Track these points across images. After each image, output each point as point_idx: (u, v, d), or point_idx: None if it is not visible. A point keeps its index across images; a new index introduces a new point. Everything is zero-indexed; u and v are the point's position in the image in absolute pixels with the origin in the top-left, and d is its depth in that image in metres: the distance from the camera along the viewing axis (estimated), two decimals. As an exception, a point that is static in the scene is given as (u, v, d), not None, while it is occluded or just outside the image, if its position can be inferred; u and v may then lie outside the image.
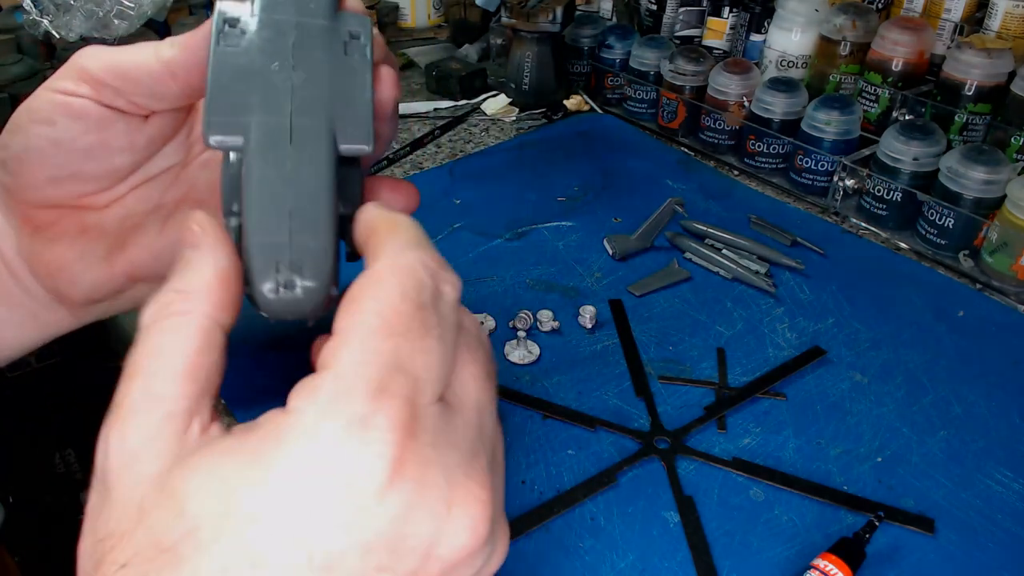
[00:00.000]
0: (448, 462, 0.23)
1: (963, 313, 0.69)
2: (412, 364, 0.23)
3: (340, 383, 0.22)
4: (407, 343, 0.23)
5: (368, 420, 0.21)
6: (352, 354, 0.22)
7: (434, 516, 0.22)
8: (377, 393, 0.22)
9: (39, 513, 1.09)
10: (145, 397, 0.23)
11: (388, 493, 0.21)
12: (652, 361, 0.63)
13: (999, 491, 0.52)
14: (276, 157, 0.27)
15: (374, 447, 0.21)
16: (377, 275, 0.24)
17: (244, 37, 0.29)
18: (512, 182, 0.88)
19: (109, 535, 0.21)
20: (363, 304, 0.23)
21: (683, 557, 0.48)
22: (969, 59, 0.79)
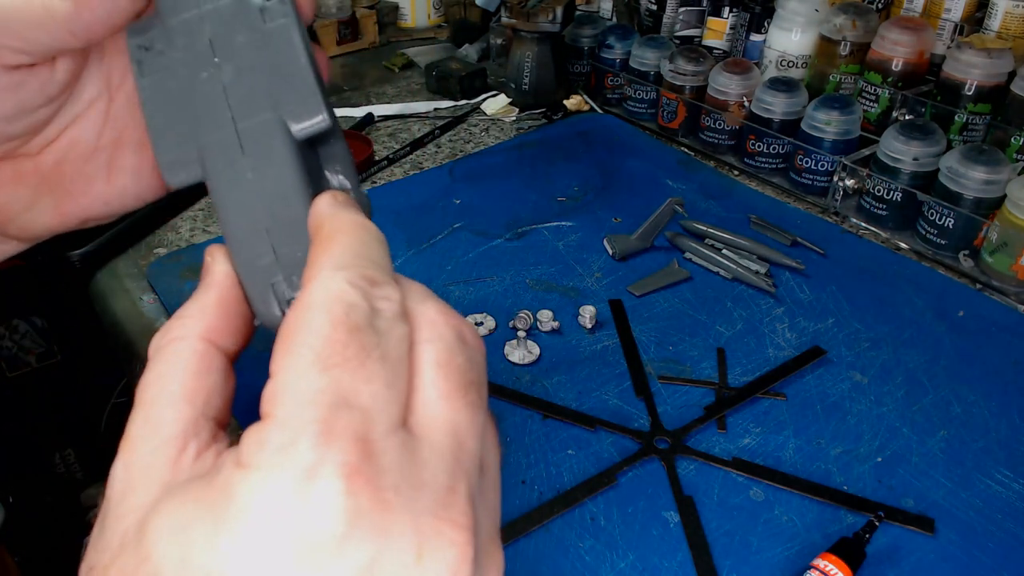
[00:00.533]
0: (415, 504, 0.21)
1: (963, 313, 0.69)
2: (356, 396, 0.21)
3: (284, 432, 0.20)
4: (346, 373, 0.21)
5: (315, 470, 0.20)
6: (291, 396, 0.21)
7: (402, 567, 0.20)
8: (322, 437, 0.20)
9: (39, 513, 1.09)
10: (145, 425, 0.23)
11: (345, 547, 0.19)
12: (652, 361, 0.63)
13: (999, 491, 0.52)
14: (233, 174, 0.26)
15: (325, 498, 0.19)
16: (304, 306, 0.22)
17: (164, 56, 0.27)
18: (512, 182, 0.88)
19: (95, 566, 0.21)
20: (294, 339, 0.22)
21: (683, 557, 0.48)
22: (969, 59, 0.79)
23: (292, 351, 0.21)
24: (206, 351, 0.24)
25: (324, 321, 0.22)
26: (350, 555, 0.20)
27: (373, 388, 0.21)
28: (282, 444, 0.20)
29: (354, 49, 1.27)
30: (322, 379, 0.21)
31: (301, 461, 0.20)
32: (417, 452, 0.22)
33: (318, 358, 0.21)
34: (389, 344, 0.22)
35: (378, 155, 0.93)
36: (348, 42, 1.26)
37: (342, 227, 0.25)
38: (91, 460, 1.17)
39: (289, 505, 0.20)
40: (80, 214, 0.39)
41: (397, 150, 0.95)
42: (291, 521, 0.20)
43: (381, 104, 1.07)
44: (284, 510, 0.20)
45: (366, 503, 0.20)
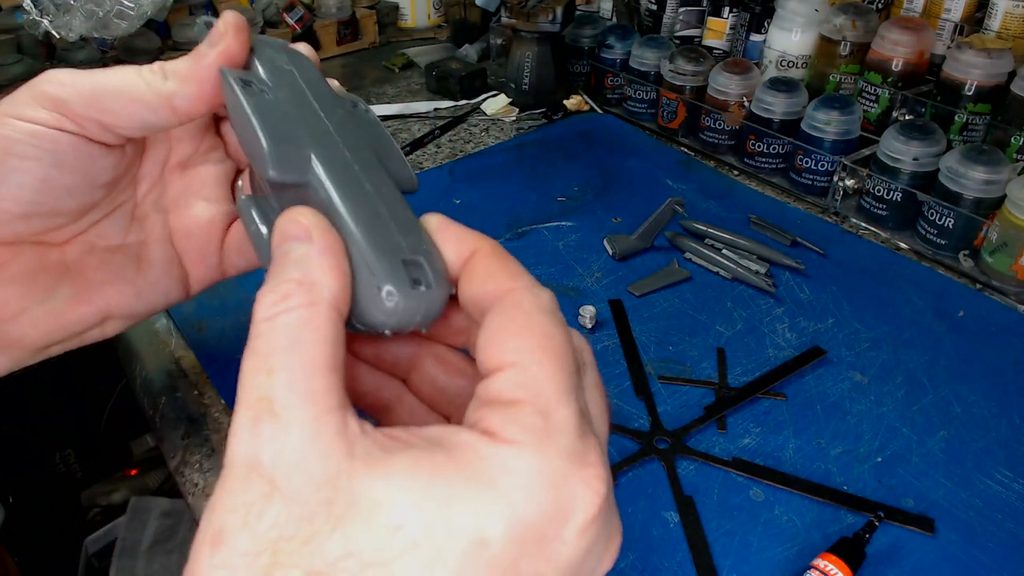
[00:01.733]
0: (613, 500, 0.24)
1: (963, 313, 0.69)
2: (583, 402, 0.24)
3: (551, 420, 0.22)
4: (576, 380, 0.24)
5: (586, 457, 0.23)
6: (548, 389, 0.23)
7: (602, 549, 0.24)
8: (584, 430, 0.23)
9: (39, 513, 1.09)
10: (297, 392, 0.22)
11: (590, 527, 0.22)
12: (652, 361, 0.63)
13: (999, 491, 0.52)
14: (352, 178, 0.27)
15: (594, 484, 0.23)
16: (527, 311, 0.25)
17: (265, 94, 0.29)
18: (512, 182, 0.88)
19: (285, 536, 0.20)
20: (531, 340, 0.24)
21: (683, 557, 0.48)
22: (969, 59, 0.79)
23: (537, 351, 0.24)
24: (338, 320, 0.24)
25: (559, 331, 0.25)
26: (588, 535, 0.22)
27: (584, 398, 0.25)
28: (552, 431, 0.22)
29: (354, 49, 1.27)
30: (569, 380, 0.24)
31: (573, 450, 0.22)
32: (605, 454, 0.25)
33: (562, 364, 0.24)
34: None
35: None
36: (348, 42, 1.26)
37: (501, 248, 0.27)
38: (91, 460, 1.17)
39: (563, 488, 0.22)
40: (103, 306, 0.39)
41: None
42: (562, 502, 0.22)
43: (381, 104, 1.07)
44: (558, 492, 0.22)
45: (608, 492, 0.23)
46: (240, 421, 0.22)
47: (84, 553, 0.99)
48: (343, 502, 0.21)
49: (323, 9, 1.22)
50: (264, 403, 0.22)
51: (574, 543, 0.22)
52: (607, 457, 0.25)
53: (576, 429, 0.23)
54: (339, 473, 0.21)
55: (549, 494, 0.22)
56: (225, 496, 0.21)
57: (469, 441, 0.22)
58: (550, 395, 0.23)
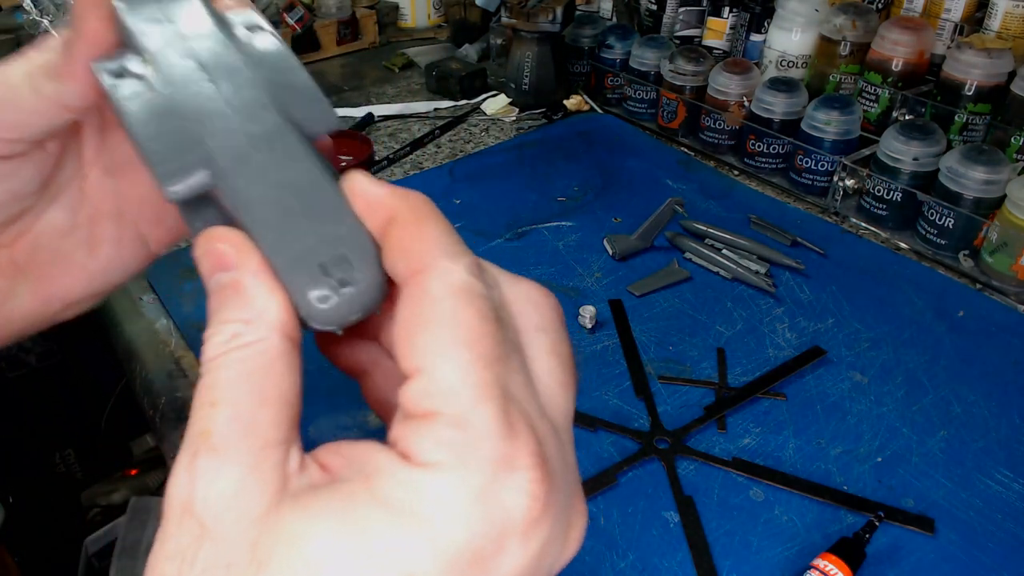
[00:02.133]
0: (567, 485, 0.23)
1: (963, 313, 0.69)
2: (515, 390, 0.22)
3: (468, 429, 0.21)
4: (504, 368, 0.21)
5: (512, 462, 0.21)
6: (462, 393, 0.21)
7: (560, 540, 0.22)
8: (508, 431, 0.21)
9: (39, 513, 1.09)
10: (236, 427, 0.21)
11: (533, 532, 0.21)
12: (652, 361, 0.63)
13: (999, 491, 0.52)
14: (252, 171, 0.25)
15: (526, 487, 0.21)
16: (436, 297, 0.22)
17: (143, 80, 0.26)
18: (512, 182, 0.88)
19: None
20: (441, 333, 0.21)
21: (683, 557, 0.48)
22: (969, 59, 0.79)
23: (446, 347, 0.21)
24: (289, 348, 0.23)
25: (471, 316, 0.21)
26: (535, 537, 0.21)
27: (520, 379, 0.22)
28: (469, 441, 0.20)
29: (354, 49, 1.27)
30: (488, 374, 0.21)
31: (496, 456, 0.20)
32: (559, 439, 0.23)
33: (477, 355, 0.21)
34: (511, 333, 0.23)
35: (378, 155, 0.93)
36: (348, 42, 1.26)
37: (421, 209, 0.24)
38: (91, 460, 1.17)
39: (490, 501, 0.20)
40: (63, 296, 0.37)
41: (397, 150, 0.95)
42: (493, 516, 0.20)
43: (381, 104, 1.07)
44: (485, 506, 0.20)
45: (549, 488, 0.21)
46: (180, 459, 0.21)
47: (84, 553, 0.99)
48: (267, 544, 0.20)
49: (323, 9, 1.22)
50: (203, 436, 0.21)
51: (520, 552, 0.21)
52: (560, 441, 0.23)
53: (499, 430, 0.20)
54: (268, 512, 0.20)
55: (476, 512, 0.20)
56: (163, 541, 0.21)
57: (387, 467, 0.21)
58: (464, 398, 0.21)
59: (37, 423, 1.13)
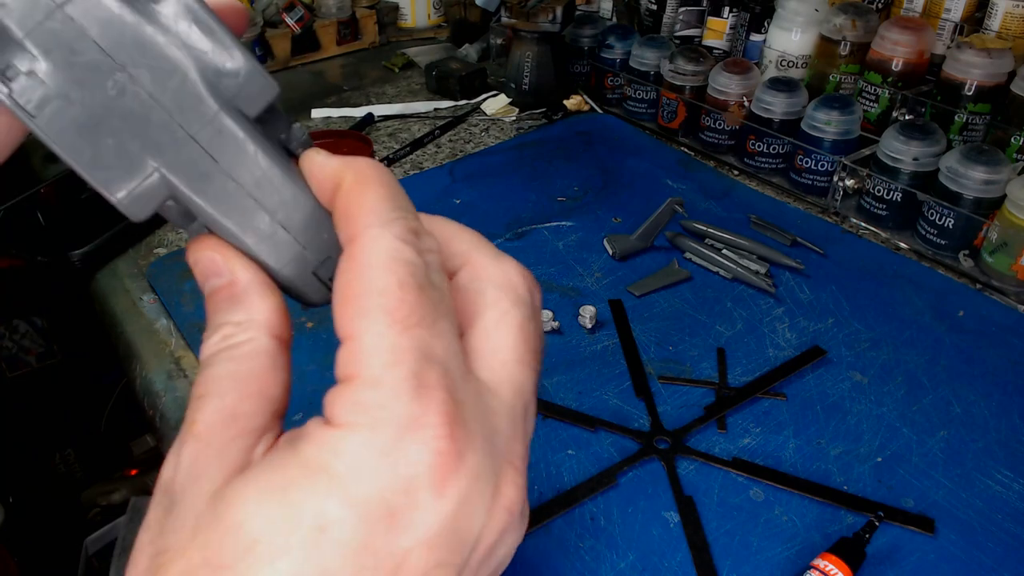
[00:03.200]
0: (493, 448, 0.23)
1: (963, 313, 0.69)
2: (436, 352, 0.22)
3: (379, 391, 0.22)
4: (424, 331, 0.22)
5: (419, 420, 0.21)
6: (378, 357, 0.22)
7: (483, 505, 0.22)
8: (418, 391, 0.22)
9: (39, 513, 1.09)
10: (220, 415, 0.23)
11: (448, 488, 0.21)
12: (652, 361, 0.63)
13: (999, 491, 0.52)
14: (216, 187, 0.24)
15: (430, 444, 0.21)
16: (363, 266, 0.23)
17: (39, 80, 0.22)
18: (512, 182, 0.88)
19: (164, 550, 0.21)
20: (362, 302, 0.22)
21: (683, 557, 0.48)
22: (969, 59, 0.79)
23: (367, 314, 0.22)
24: (276, 348, 0.25)
25: (391, 282, 0.22)
26: (449, 496, 0.21)
27: (445, 343, 0.23)
28: (380, 401, 0.21)
29: (354, 49, 1.27)
30: (404, 339, 0.22)
31: (403, 415, 0.21)
32: (488, 402, 0.24)
33: (395, 319, 0.22)
34: (445, 298, 0.24)
35: (378, 155, 0.93)
36: (348, 42, 1.26)
37: (365, 175, 0.25)
38: (91, 460, 1.17)
39: (397, 454, 0.21)
40: None
41: (397, 150, 0.95)
42: (399, 468, 0.21)
43: (381, 104, 1.07)
44: (392, 459, 0.21)
45: (463, 447, 0.22)
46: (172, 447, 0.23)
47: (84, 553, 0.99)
48: (206, 514, 0.21)
49: (323, 9, 1.22)
50: (188, 424, 0.23)
51: (435, 507, 0.21)
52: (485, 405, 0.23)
53: (408, 391, 0.21)
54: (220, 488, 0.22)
55: (383, 467, 0.21)
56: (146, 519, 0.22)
57: (312, 432, 0.22)
58: (378, 361, 0.22)
59: (37, 423, 1.13)
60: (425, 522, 0.21)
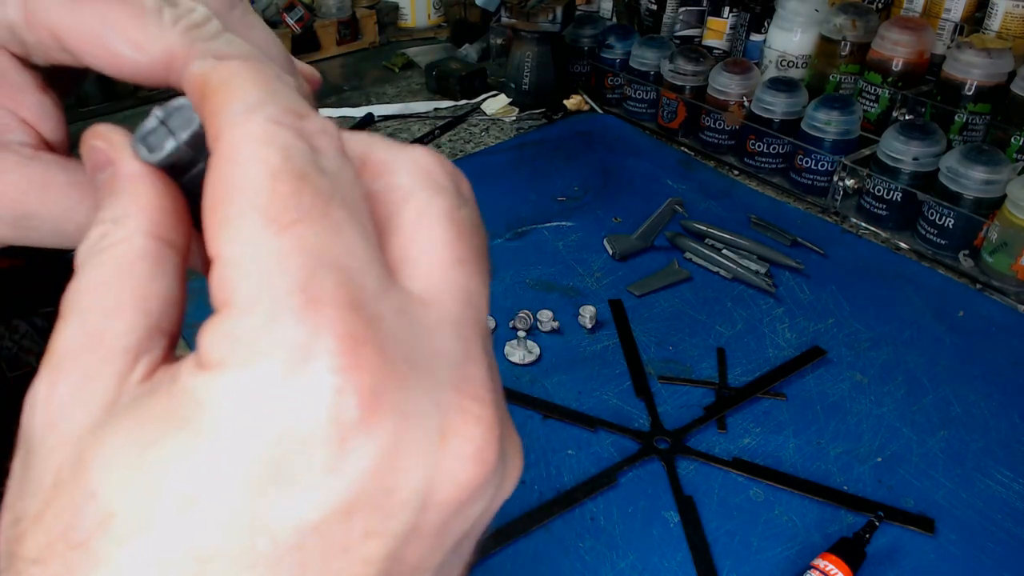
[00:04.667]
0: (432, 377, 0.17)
1: (963, 313, 0.69)
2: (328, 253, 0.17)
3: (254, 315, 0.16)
4: (309, 229, 0.17)
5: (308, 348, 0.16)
6: (250, 272, 0.17)
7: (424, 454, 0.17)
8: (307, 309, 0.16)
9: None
10: (81, 336, 0.18)
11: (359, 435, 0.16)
12: (652, 361, 0.63)
13: (999, 491, 0.52)
14: None
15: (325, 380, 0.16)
16: (225, 160, 0.18)
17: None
18: (512, 182, 0.88)
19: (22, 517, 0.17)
20: (229, 205, 0.17)
21: (683, 557, 0.48)
22: (969, 59, 0.79)
23: (232, 219, 0.17)
24: (158, 250, 0.19)
25: (260, 172, 0.17)
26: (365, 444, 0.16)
27: (346, 241, 0.17)
28: (255, 329, 0.16)
29: (354, 49, 1.27)
30: (282, 241, 0.17)
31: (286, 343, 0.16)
32: (421, 318, 0.18)
33: (268, 218, 0.17)
34: (344, 187, 0.18)
35: (378, 155, 0.93)
36: (348, 42, 1.26)
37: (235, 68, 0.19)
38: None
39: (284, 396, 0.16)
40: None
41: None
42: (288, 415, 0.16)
43: (381, 104, 1.07)
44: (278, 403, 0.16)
45: (379, 379, 0.16)
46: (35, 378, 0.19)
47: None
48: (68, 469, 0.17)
49: (323, 9, 1.22)
50: (47, 353, 0.18)
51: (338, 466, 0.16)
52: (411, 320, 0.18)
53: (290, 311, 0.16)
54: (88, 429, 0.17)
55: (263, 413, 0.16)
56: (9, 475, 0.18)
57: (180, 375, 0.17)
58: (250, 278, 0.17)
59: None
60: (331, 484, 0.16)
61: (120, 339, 0.18)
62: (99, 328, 0.18)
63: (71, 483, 0.17)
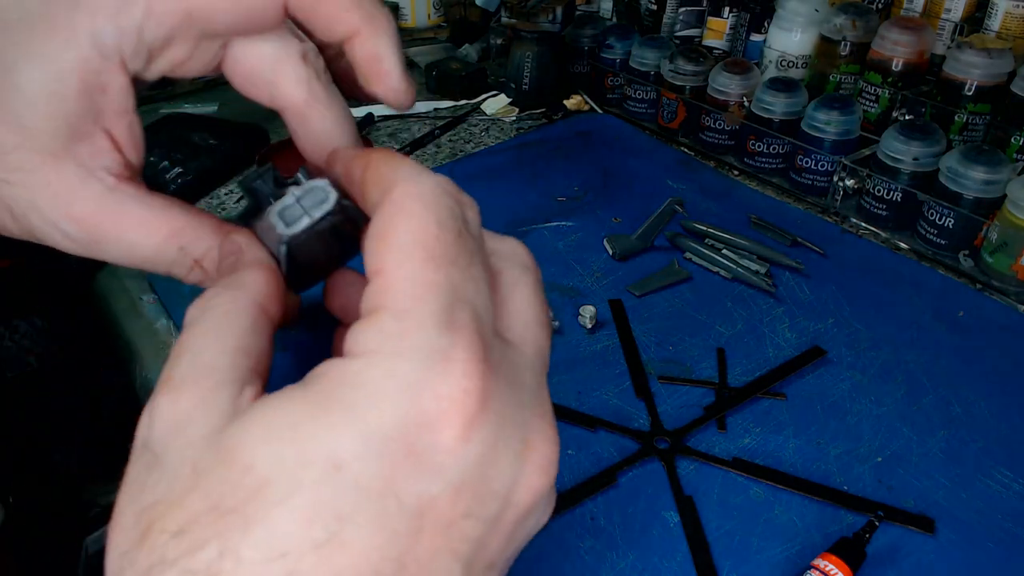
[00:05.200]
0: (521, 399, 0.22)
1: (963, 313, 0.69)
2: (468, 294, 0.22)
3: (406, 320, 0.20)
4: (458, 272, 0.22)
5: (448, 353, 0.20)
6: (407, 289, 0.21)
7: (515, 456, 0.21)
8: (448, 325, 0.20)
9: (39, 513, 1.09)
10: (195, 368, 0.22)
11: (475, 430, 0.20)
12: (652, 361, 0.63)
13: (999, 491, 0.52)
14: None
15: (459, 381, 0.20)
16: (400, 205, 0.22)
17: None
18: (512, 182, 0.88)
19: (157, 502, 0.20)
20: (398, 237, 0.22)
21: (683, 557, 0.48)
22: (969, 59, 0.79)
23: (401, 248, 0.21)
24: (259, 315, 0.24)
25: (431, 221, 0.22)
26: (477, 439, 0.20)
27: (478, 290, 0.22)
28: (406, 330, 0.20)
29: (354, 49, 1.27)
30: (438, 274, 0.21)
31: (430, 346, 0.20)
32: (514, 357, 0.23)
33: (430, 256, 0.21)
34: (480, 251, 0.23)
35: (378, 155, 0.93)
36: (348, 42, 1.26)
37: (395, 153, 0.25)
38: (91, 460, 1.17)
39: (423, 385, 0.20)
40: None
41: (397, 150, 0.95)
42: (425, 402, 0.20)
43: (381, 104, 1.07)
44: (417, 390, 0.20)
45: (492, 390, 0.21)
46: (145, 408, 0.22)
47: (84, 553, 0.99)
48: (207, 459, 0.20)
49: (323, 9, 1.22)
50: (165, 379, 0.22)
51: (458, 450, 0.20)
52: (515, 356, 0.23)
53: (437, 324, 0.20)
54: (212, 433, 0.20)
55: (405, 398, 0.19)
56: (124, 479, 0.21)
57: (323, 369, 0.21)
58: (407, 293, 0.21)
59: (37, 423, 1.13)
60: (451, 464, 0.20)
61: (229, 371, 0.22)
62: (212, 362, 0.22)
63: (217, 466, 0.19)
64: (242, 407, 0.21)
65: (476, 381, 0.20)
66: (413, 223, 0.22)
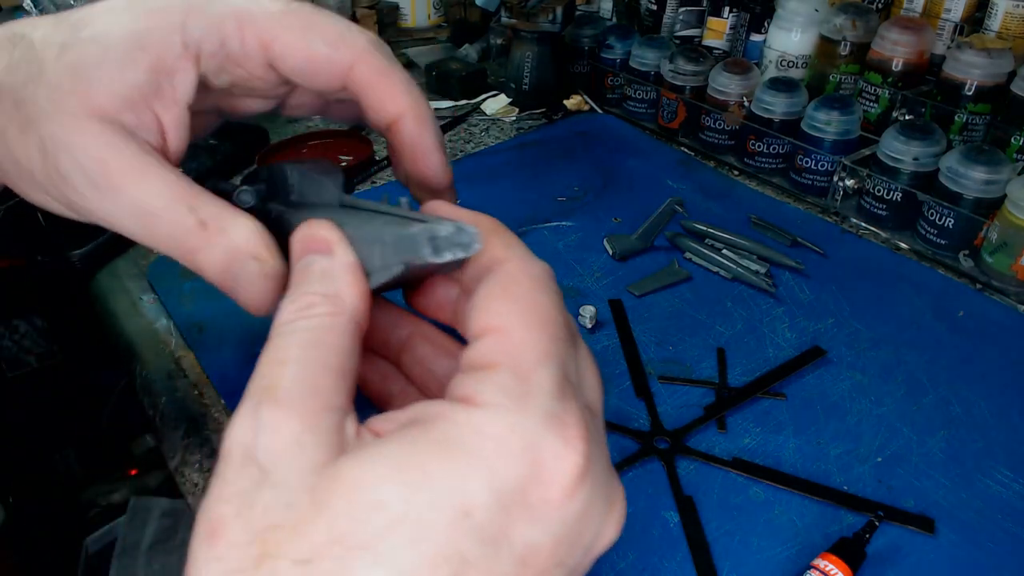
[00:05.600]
0: (606, 462, 0.24)
1: (963, 313, 0.69)
2: (571, 369, 0.24)
3: (528, 382, 0.22)
4: (565, 349, 0.24)
5: (562, 418, 0.22)
6: (530, 355, 0.23)
7: (602, 513, 0.23)
8: (561, 393, 0.23)
9: (39, 513, 1.09)
10: (302, 385, 0.23)
11: (578, 490, 0.22)
12: (652, 361, 0.63)
13: (999, 491, 0.52)
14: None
15: (573, 443, 0.22)
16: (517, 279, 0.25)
17: None
18: (512, 182, 0.88)
19: (275, 526, 0.20)
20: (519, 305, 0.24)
21: (683, 557, 0.48)
22: (969, 59, 0.79)
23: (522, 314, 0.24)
24: (356, 334, 0.25)
25: (549, 299, 0.25)
26: (579, 498, 0.22)
27: (575, 365, 0.25)
28: (526, 391, 0.22)
29: (354, 49, 1.27)
30: (554, 346, 0.23)
31: (549, 408, 0.22)
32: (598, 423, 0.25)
33: (548, 329, 0.24)
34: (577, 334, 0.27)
35: (378, 155, 0.93)
36: (348, 42, 1.26)
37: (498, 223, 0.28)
38: (91, 460, 1.17)
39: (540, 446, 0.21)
40: None
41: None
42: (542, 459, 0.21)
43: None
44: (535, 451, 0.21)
45: (592, 455, 0.22)
46: (243, 407, 0.22)
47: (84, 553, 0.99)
48: (326, 488, 0.20)
49: (323, 9, 1.22)
50: (269, 391, 0.22)
51: (564, 505, 0.22)
52: (598, 427, 0.25)
53: (554, 392, 0.22)
54: (327, 464, 0.21)
55: (526, 455, 0.21)
56: (221, 485, 0.21)
57: (443, 411, 0.22)
58: (529, 357, 0.23)
59: (37, 423, 1.13)
60: (557, 518, 0.22)
61: (333, 395, 0.23)
62: (317, 381, 0.23)
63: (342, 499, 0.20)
64: (350, 438, 0.22)
65: (584, 445, 0.22)
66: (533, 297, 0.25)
